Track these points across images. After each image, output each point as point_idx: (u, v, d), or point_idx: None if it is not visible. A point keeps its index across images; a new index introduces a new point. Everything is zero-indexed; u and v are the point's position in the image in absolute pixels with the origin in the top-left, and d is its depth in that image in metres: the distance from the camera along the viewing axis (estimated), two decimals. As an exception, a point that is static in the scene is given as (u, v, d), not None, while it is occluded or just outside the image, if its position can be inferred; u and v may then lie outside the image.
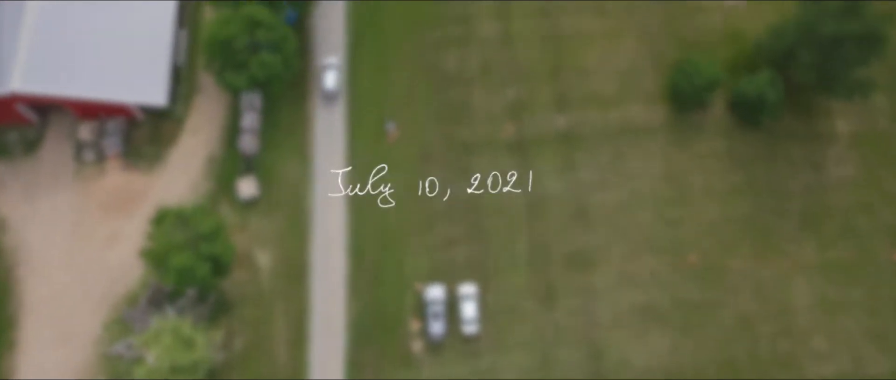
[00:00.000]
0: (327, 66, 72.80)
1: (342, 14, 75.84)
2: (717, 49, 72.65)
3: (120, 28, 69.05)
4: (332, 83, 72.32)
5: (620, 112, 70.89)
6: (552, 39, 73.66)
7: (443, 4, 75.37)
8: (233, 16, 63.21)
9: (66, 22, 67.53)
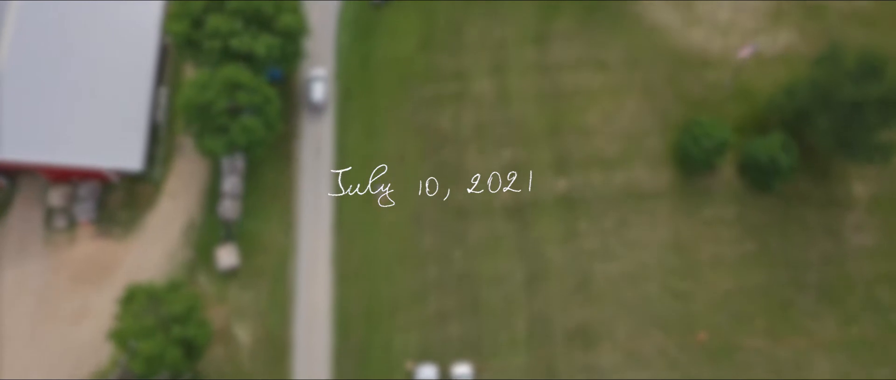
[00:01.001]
0: (314, 79, 69.30)
1: (331, 69, 72.06)
2: (725, 107, 67.95)
3: (95, 87, 64.52)
4: (319, 95, 68.67)
5: (624, 175, 66.09)
6: (550, 97, 69.07)
7: (436, 59, 70.89)
8: (211, 79, 58.70)
9: (37, 81, 63.16)
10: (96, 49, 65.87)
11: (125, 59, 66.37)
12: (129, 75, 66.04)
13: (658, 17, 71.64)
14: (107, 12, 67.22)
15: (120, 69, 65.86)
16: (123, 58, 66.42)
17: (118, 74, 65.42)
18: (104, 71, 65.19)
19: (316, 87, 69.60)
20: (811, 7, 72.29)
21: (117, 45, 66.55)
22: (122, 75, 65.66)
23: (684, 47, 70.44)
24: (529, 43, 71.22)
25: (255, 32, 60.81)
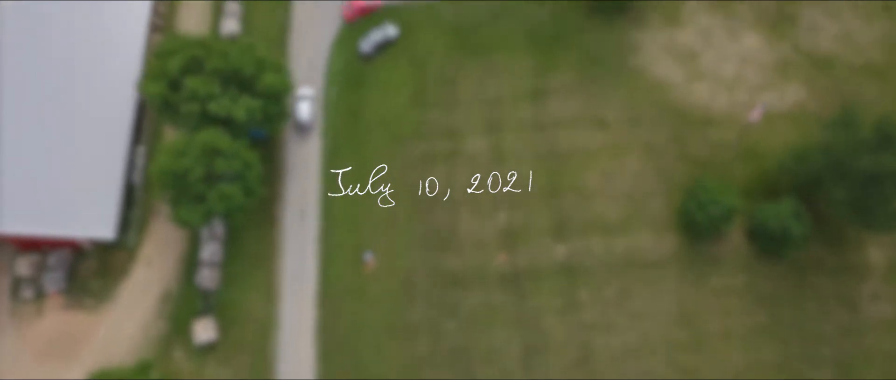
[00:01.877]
0: (301, 98, 66.27)
1: (317, 127, 68.34)
2: (731, 168, 63.89)
3: (67, 149, 60.70)
4: (305, 114, 65.47)
5: (626, 241, 61.96)
6: (548, 156, 64.87)
7: (428, 115, 67.05)
8: (187, 145, 54.68)
9: (5, 144, 59.99)
10: (69, 107, 62.20)
11: (100, 117, 62.49)
12: (104, 134, 62.07)
13: (660, 71, 67.94)
14: (82, 66, 63.82)
15: (94, 128, 62.01)
16: (98, 115, 62.57)
17: (92, 134, 61.59)
18: (77, 130, 61.44)
19: (302, 106, 66.37)
20: (819, 60, 68.55)
21: (92, 103, 62.80)
22: (96, 135, 61.74)
23: (688, 104, 66.69)
24: (525, 99, 67.31)
25: (235, 95, 57.08)
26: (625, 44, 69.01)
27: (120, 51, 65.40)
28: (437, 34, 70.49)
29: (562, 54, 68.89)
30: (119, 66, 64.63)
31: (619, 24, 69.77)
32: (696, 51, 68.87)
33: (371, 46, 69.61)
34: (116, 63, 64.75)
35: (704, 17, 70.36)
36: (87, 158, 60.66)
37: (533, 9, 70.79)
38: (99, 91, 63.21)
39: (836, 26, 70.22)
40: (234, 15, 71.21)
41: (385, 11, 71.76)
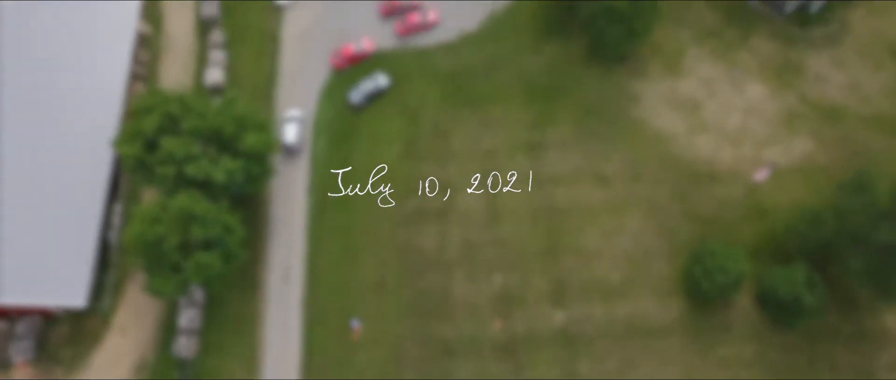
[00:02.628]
0: (288, 120, 64.18)
1: (303, 182, 64.49)
2: (737, 227, 60.10)
3: (38, 210, 56.77)
4: (292, 137, 63.32)
5: (628, 306, 57.87)
6: (545, 213, 61.15)
7: (420, 169, 63.11)
8: (162, 211, 50.95)
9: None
10: (42, 164, 58.38)
11: (74, 177, 58.69)
12: (78, 195, 58.25)
13: (661, 124, 64.51)
14: (55, 119, 60.11)
15: (68, 188, 58.18)
16: (73, 174, 58.73)
17: (65, 195, 57.74)
18: (49, 191, 57.53)
19: (289, 128, 63.71)
20: (826, 111, 65.17)
21: (66, 161, 59.03)
22: (69, 195, 57.89)
23: (691, 158, 63.07)
24: (521, 152, 63.48)
25: (214, 155, 53.59)
26: (624, 94, 65.74)
27: (97, 103, 61.83)
28: (430, 84, 67.28)
29: (559, 105, 65.54)
30: (96, 119, 61.03)
31: (618, 73, 66.51)
32: (699, 101, 65.60)
33: (361, 97, 66.27)
34: (93, 116, 61.12)
35: (707, 66, 67.19)
36: (60, 221, 56.78)
37: (529, 58, 67.54)
38: (73, 147, 59.56)
39: (843, 76, 67.10)
40: (219, 64, 67.92)
41: (376, 59, 68.59)
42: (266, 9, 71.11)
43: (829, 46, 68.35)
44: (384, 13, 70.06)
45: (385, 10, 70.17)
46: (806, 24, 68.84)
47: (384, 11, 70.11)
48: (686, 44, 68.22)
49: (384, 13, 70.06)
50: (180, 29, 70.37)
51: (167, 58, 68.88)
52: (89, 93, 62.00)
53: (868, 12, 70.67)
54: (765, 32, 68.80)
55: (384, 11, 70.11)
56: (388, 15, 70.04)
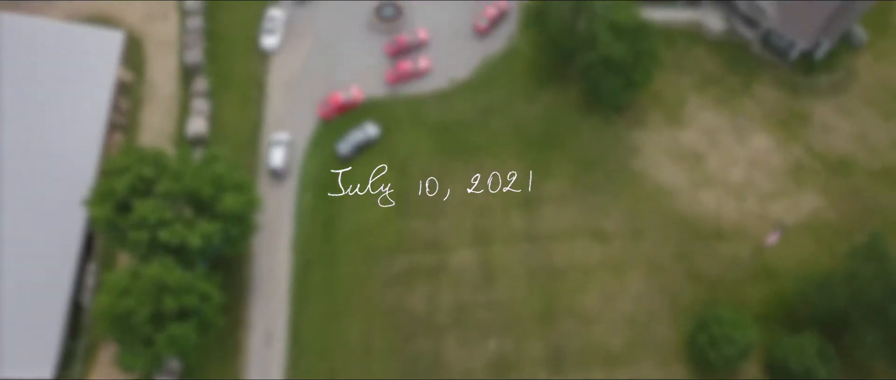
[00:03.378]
0: (275, 143, 62.35)
1: (289, 237, 61.01)
2: (744, 289, 56.69)
3: (3, 270, 53.25)
4: (278, 161, 61.22)
5: (630, 373, 53.62)
6: (542, 273, 57.73)
7: (410, 225, 59.82)
8: (133, 282, 47.39)
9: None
10: (11, 224, 54.91)
11: (45, 239, 55.10)
12: (49, 252, 54.73)
13: (662, 177, 61.41)
14: (26, 174, 56.58)
15: (38, 245, 54.60)
16: (43, 236, 55.20)
17: (36, 253, 54.15)
18: (18, 248, 53.92)
19: (276, 152, 61.67)
20: (835, 163, 62.14)
21: (37, 216, 55.56)
22: (40, 254, 54.32)
23: (694, 214, 59.86)
24: (516, 207, 60.27)
25: (189, 219, 50.41)
26: (623, 145, 62.71)
27: (72, 156, 58.59)
28: (421, 134, 64.13)
29: (555, 157, 62.41)
30: (70, 173, 57.62)
31: (617, 123, 63.50)
32: (701, 153, 62.53)
33: (349, 148, 63.02)
34: (68, 169, 57.75)
35: (709, 115, 64.27)
36: (28, 284, 53.10)
37: (524, 107, 64.55)
38: (45, 203, 56.10)
39: (850, 125, 64.12)
40: (202, 113, 64.80)
41: (365, 108, 65.69)
42: (252, 55, 68.20)
43: (834, 94, 65.56)
44: (390, 54, 67.69)
45: (391, 50, 67.83)
46: (810, 72, 66.05)
47: (390, 52, 67.75)
48: (687, 92, 65.37)
49: (390, 54, 67.69)
50: (163, 76, 67.39)
51: (149, 106, 65.83)
52: (64, 145, 58.81)
53: (874, 58, 67.97)
54: (768, 80, 66.01)
55: (390, 52, 67.75)
56: (394, 55, 67.61)
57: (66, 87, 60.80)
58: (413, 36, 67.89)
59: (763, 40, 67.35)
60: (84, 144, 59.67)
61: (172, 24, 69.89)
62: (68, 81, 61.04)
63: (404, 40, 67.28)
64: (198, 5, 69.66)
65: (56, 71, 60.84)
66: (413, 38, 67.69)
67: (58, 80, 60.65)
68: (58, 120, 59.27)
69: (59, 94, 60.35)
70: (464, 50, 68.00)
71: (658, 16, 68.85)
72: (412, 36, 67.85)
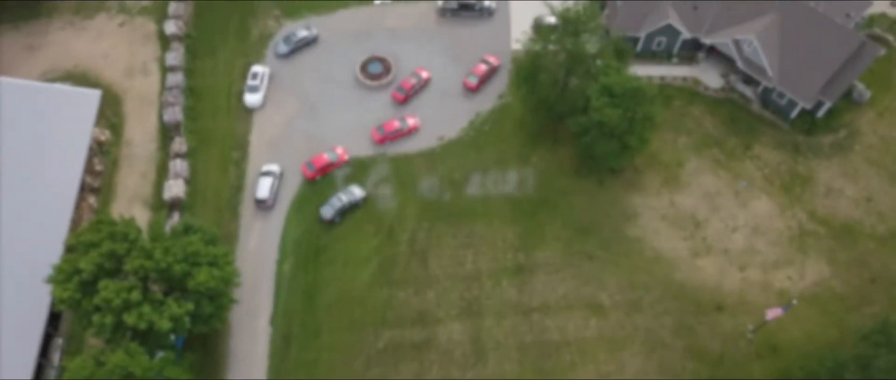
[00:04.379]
0: (262, 173, 61.11)
1: (268, 309, 56.66)
2: (748, 366, 52.70)
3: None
4: (265, 192, 60.05)
5: (629, 461, 51.55)
6: (534, 349, 53.66)
7: (396, 296, 56.22)
8: (96, 370, 43.44)
9: None
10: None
11: (8, 307, 51.49)
12: (11, 329, 50.77)
13: (661, 244, 58.11)
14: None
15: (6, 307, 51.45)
16: (5, 305, 51.69)
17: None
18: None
19: (262, 182, 60.31)
20: (840, 229, 58.80)
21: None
22: (1, 330, 51.46)
23: (694, 284, 56.52)
24: (508, 276, 56.99)
25: (159, 300, 46.96)
26: (619, 210, 59.61)
27: (40, 223, 55.08)
28: (408, 196, 61.43)
29: (548, 222, 59.25)
30: (37, 242, 53.94)
31: (612, 187, 60.48)
32: (701, 219, 59.38)
33: (333, 211, 59.64)
34: (35, 238, 54.18)
35: (708, 178, 61.24)
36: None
37: (515, 168, 61.62)
38: (8, 275, 52.57)
39: (855, 188, 60.99)
40: (180, 176, 61.55)
41: (350, 168, 62.27)
42: (235, 113, 65.19)
43: (838, 155, 62.59)
44: (399, 101, 65.09)
45: (399, 97, 65.28)
46: (812, 131, 63.13)
47: (398, 99, 65.20)
48: (685, 153, 62.43)
49: (399, 101, 65.09)
50: (141, 135, 64.33)
51: (125, 168, 62.64)
52: (32, 212, 55.30)
53: (877, 116, 65.13)
54: (769, 140, 63.15)
55: (398, 99, 65.20)
56: (403, 103, 65.07)
57: (38, 151, 57.66)
58: (417, 77, 65.80)
59: (762, 98, 64.74)
60: (54, 211, 56.19)
61: (154, 79, 67.19)
62: (39, 145, 57.87)
63: (411, 84, 65.18)
64: (180, 60, 67.10)
65: (26, 134, 57.74)
66: (418, 79, 65.55)
67: (28, 144, 57.47)
68: (26, 186, 55.92)
69: (30, 158, 57.14)
70: (453, 108, 65.24)
71: (654, 72, 66.49)
72: (417, 77, 65.77)
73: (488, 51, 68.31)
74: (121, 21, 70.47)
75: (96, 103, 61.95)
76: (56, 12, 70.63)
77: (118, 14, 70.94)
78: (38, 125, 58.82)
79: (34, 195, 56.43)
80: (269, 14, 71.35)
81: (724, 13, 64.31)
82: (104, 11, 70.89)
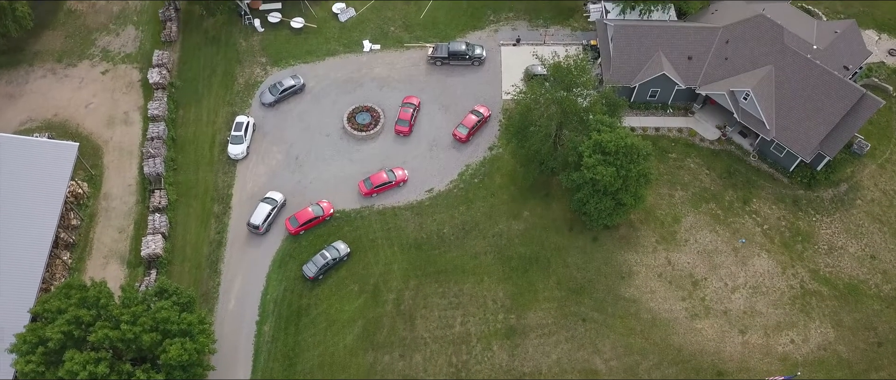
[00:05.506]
0: (267, 200, 60.09)
1: (246, 374, 52.95)
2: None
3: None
4: (259, 219, 58.93)
5: None
6: (527, 418, 52.31)
7: (380, 360, 52.52)
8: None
9: None
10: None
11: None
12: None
13: (658, 305, 55.24)
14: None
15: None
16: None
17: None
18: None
19: (261, 208, 59.55)
20: (845, 289, 55.99)
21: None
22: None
23: (694, 349, 53.46)
24: (499, 339, 53.93)
25: (128, 373, 44.09)
26: (614, 269, 56.92)
27: (7, 283, 52.54)
28: (394, 253, 58.29)
29: (540, 281, 56.50)
30: (3, 305, 52.04)
31: (606, 244, 57.92)
32: (699, 278, 56.68)
33: (316, 269, 56.83)
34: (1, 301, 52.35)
35: (706, 235, 58.70)
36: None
37: (506, 223, 58.97)
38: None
39: (858, 246, 58.37)
40: (159, 231, 58.99)
41: (336, 223, 60.03)
42: (217, 165, 62.75)
43: (839, 210, 60.18)
44: (404, 132, 63.91)
45: (402, 130, 64.04)
46: (812, 185, 60.82)
47: (402, 132, 64.01)
48: (681, 208, 59.98)
49: (404, 132, 63.91)
50: (120, 188, 61.78)
51: (102, 222, 59.93)
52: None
53: (878, 168, 62.84)
54: (768, 194, 60.78)
55: (402, 132, 64.01)
56: (408, 132, 63.95)
57: (9, 206, 54.89)
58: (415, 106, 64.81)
59: (760, 151, 62.57)
60: (23, 270, 53.12)
61: (135, 130, 64.89)
62: (11, 199, 55.07)
63: (407, 115, 63.99)
64: (163, 109, 64.89)
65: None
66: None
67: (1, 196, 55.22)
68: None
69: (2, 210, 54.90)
70: (442, 159, 62.99)
71: (649, 122, 64.48)
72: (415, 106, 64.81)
73: (479, 100, 66.43)
74: (104, 69, 68.64)
75: (73, 156, 59.32)
76: (38, 60, 68.94)
77: (102, 62, 69.17)
78: (11, 179, 56.18)
79: (1, 254, 53.93)
80: (256, 62, 69.62)
81: (720, 64, 62.55)
82: (87, 59, 69.15)
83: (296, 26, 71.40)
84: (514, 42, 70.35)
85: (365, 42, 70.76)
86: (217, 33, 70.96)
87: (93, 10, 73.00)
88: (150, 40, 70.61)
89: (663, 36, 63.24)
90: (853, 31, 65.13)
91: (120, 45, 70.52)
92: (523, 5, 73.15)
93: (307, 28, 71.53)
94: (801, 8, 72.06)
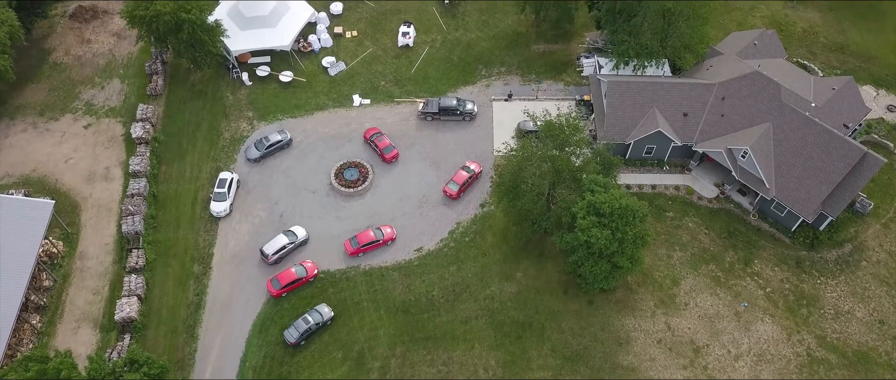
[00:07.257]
0: (286, 232, 59.21)
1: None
2: None
3: None
4: (273, 248, 57.84)
5: None
6: None
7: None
8: None
9: None
10: None
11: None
12: None
13: (658, 374, 51.62)
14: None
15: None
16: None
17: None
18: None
19: (278, 239, 58.33)
20: (853, 357, 52.75)
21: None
22: None
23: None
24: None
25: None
26: (611, 335, 53.79)
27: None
28: (381, 316, 55.18)
29: (534, 348, 53.14)
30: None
31: (603, 308, 54.96)
32: (700, 344, 53.51)
33: (298, 335, 53.44)
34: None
35: (706, 298, 55.85)
36: None
37: (498, 286, 56.04)
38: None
39: (865, 310, 55.45)
40: (135, 293, 55.67)
41: (320, 284, 57.11)
42: (198, 223, 60.09)
43: (844, 272, 57.46)
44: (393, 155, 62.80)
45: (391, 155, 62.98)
46: (815, 246, 58.27)
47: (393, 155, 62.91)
48: (680, 269, 57.25)
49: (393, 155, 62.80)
50: (97, 247, 58.95)
51: (76, 283, 56.86)
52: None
53: (882, 227, 60.33)
54: (770, 255, 58.13)
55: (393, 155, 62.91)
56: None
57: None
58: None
59: (760, 210, 60.26)
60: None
61: (116, 186, 62.44)
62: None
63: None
64: (145, 165, 62.52)
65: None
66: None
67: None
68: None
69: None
70: (432, 217, 60.45)
71: (645, 180, 62.29)
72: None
73: (470, 156, 64.41)
74: (86, 123, 66.64)
75: (48, 214, 56.70)
76: (19, 113, 67.00)
77: (85, 116, 67.27)
78: (-19, 234, 53.99)
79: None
80: (243, 116, 67.69)
81: (716, 121, 60.76)
82: (70, 113, 67.25)
83: (284, 80, 69.90)
84: (506, 97, 68.95)
85: (355, 96, 69.18)
86: (204, 87, 69.42)
87: (79, 62, 71.53)
88: (135, 94, 68.98)
89: (658, 92, 61.61)
90: (851, 88, 63.63)
91: (104, 98, 68.83)
92: (515, 60, 71.87)
93: (296, 82, 70.03)
94: (797, 63, 70.88)
